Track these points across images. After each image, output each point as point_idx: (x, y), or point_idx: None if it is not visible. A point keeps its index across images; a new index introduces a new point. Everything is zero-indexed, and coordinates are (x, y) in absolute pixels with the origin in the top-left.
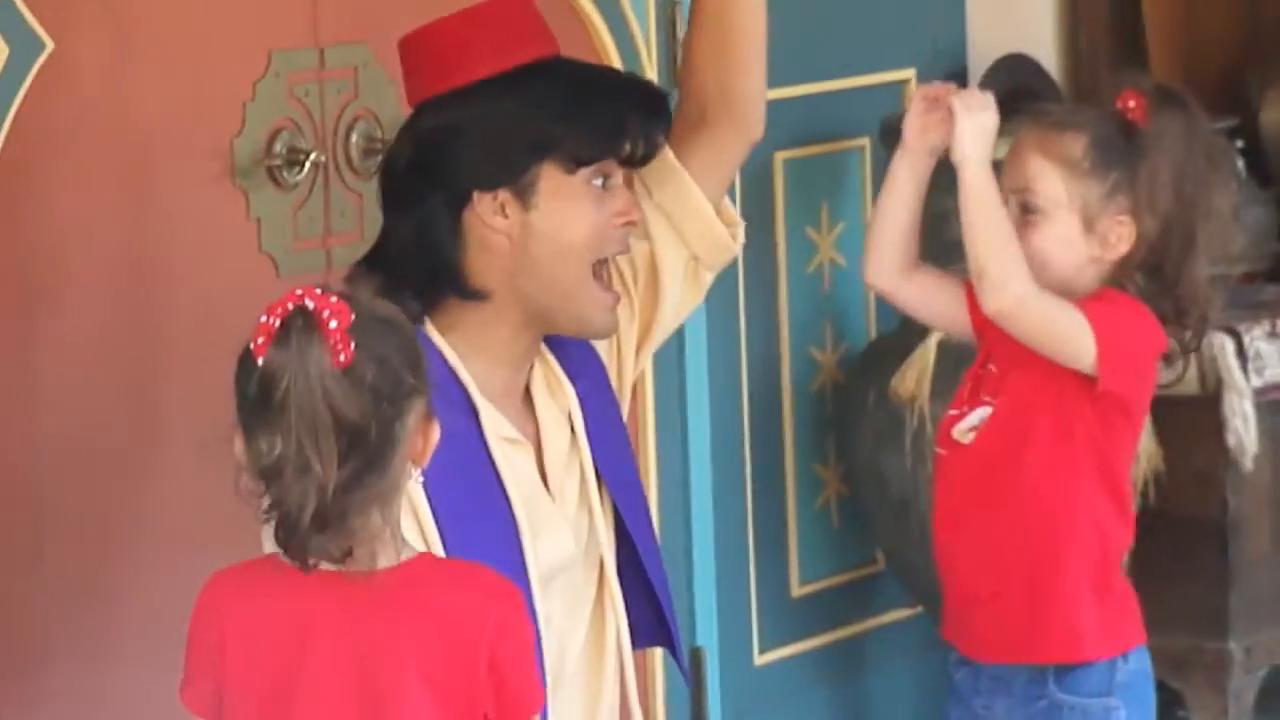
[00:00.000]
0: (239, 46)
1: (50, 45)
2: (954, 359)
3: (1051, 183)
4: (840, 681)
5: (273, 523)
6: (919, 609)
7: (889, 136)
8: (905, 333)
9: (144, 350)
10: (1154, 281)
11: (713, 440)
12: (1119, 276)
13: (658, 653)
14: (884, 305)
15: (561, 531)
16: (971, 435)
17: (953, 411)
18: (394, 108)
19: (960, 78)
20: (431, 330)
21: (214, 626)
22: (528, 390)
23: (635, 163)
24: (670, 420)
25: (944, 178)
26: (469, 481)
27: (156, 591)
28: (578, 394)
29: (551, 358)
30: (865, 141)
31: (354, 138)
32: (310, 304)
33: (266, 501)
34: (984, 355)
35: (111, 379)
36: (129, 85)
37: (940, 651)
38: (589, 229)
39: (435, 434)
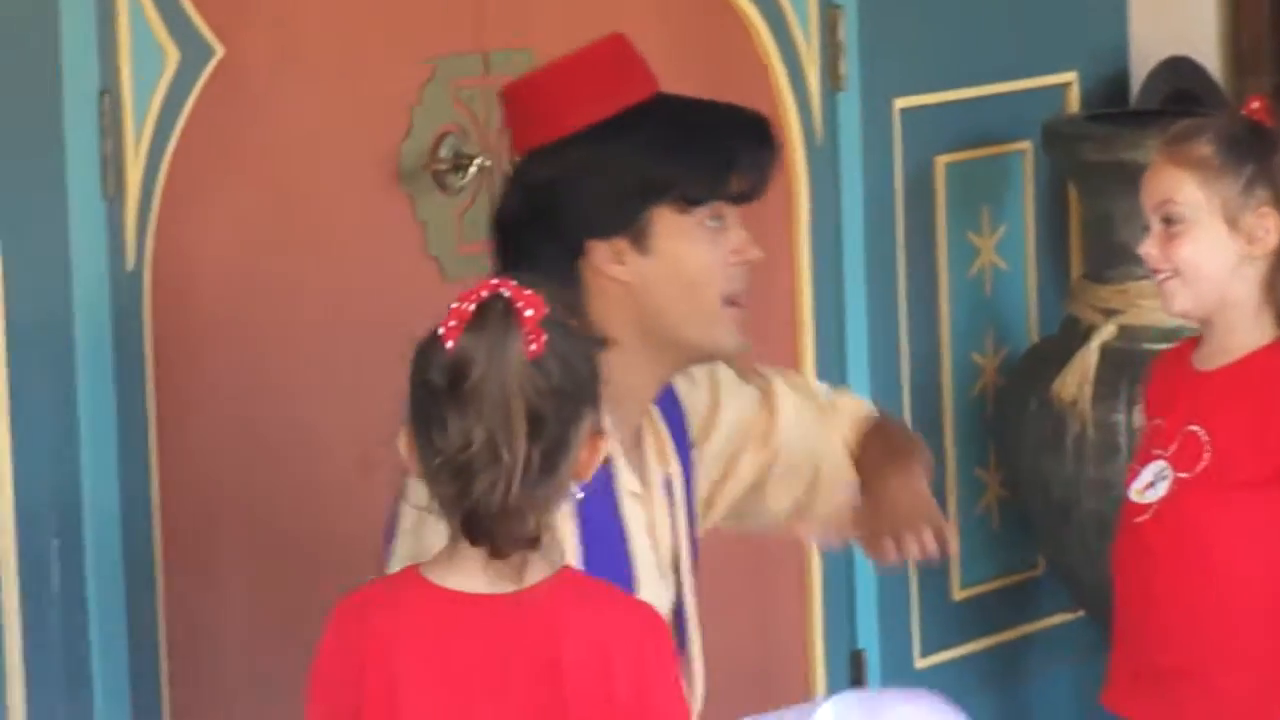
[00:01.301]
0: (404, 52)
1: (220, 51)
2: (1116, 363)
3: (1189, 189)
4: (1001, 685)
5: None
6: (1080, 613)
7: (1050, 140)
8: (1066, 336)
9: (309, 352)
10: None
11: None
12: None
13: (819, 655)
14: (1046, 309)
15: (660, 588)
16: (1148, 494)
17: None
18: None
19: (1122, 80)
20: None
21: (355, 652)
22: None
23: (747, 197)
24: None
25: (1108, 181)
26: (599, 530)
27: (324, 600)
28: (683, 465)
29: (663, 425)
30: (1027, 145)
31: None
32: (506, 293)
33: (450, 491)
34: (1152, 411)
35: (275, 381)
36: (296, 90)
37: (1102, 656)
38: (707, 268)
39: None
